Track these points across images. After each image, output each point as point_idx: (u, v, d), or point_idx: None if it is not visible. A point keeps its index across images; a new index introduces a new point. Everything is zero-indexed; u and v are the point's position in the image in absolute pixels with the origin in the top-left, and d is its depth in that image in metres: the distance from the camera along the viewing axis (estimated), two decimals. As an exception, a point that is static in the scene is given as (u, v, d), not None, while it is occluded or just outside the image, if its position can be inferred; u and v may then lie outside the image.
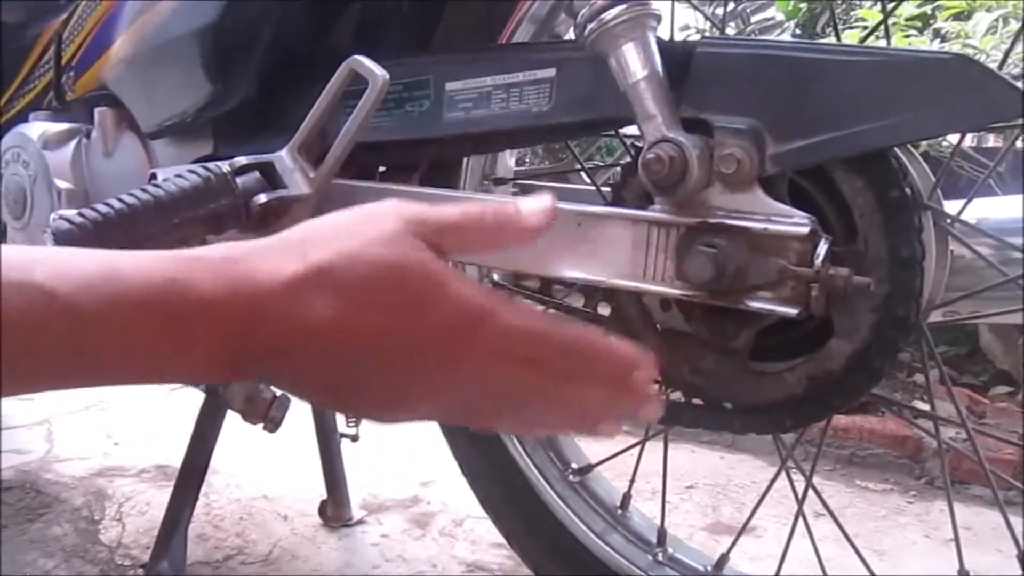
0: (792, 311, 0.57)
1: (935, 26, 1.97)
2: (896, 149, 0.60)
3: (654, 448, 0.91)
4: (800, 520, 0.79)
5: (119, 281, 0.38)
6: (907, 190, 0.58)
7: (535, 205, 0.50)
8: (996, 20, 1.74)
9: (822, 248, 0.56)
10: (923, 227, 0.60)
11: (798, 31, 2.55)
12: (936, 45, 1.87)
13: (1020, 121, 0.54)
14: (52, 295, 0.36)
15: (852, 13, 2.19)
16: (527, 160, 2.13)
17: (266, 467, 1.62)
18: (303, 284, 0.41)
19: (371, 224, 0.43)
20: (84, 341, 0.37)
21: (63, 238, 0.60)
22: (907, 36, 1.87)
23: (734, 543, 0.85)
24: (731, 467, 1.79)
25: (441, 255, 0.44)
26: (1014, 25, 1.71)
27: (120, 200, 0.64)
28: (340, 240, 0.43)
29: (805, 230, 0.56)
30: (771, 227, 0.57)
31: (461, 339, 0.43)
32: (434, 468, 1.61)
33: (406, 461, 1.64)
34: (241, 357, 0.41)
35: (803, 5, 2.40)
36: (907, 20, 1.89)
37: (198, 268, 0.40)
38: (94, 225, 0.62)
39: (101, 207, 0.63)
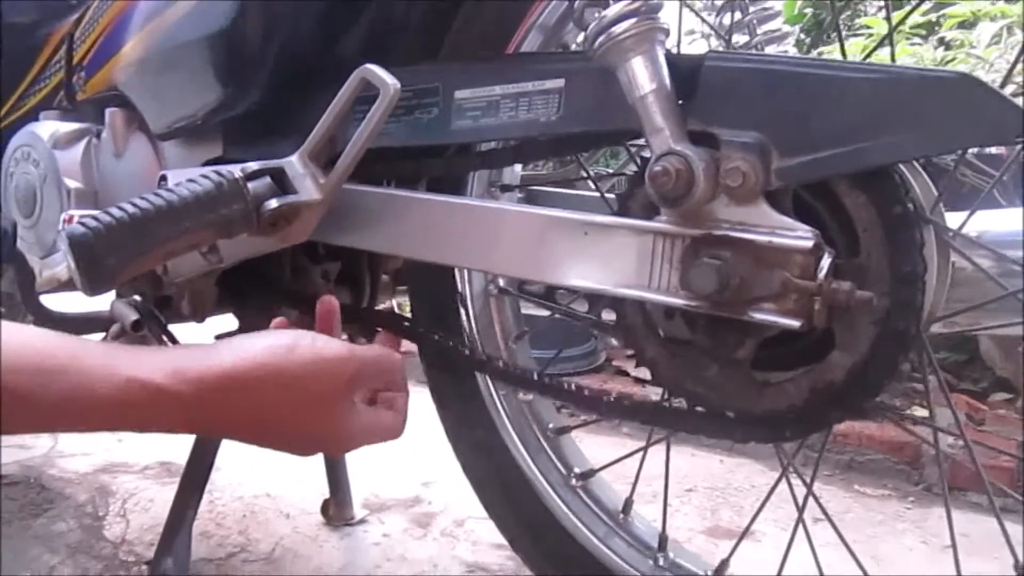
0: (795, 323, 0.58)
1: (940, 34, 1.98)
2: (899, 164, 0.61)
3: (655, 452, 0.91)
4: (800, 526, 0.80)
5: (90, 391, 0.53)
6: (909, 205, 0.59)
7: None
8: (1000, 30, 1.74)
9: (825, 262, 0.57)
10: (925, 242, 0.61)
11: (802, 36, 2.55)
12: (940, 53, 1.87)
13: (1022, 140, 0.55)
14: (37, 403, 0.52)
15: (856, 20, 2.19)
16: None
17: (269, 466, 1.63)
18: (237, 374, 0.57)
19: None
20: (65, 427, 0.55)
21: (78, 242, 0.61)
22: (912, 44, 1.88)
23: (734, 549, 0.85)
24: (730, 471, 1.80)
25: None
26: (1019, 35, 1.71)
27: (133, 204, 0.65)
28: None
29: (809, 244, 0.57)
30: (775, 240, 0.58)
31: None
32: (435, 468, 1.62)
33: (408, 461, 1.65)
34: (193, 425, 0.59)
35: (808, 11, 2.41)
36: (912, 28, 1.90)
37: (149, 363, 0.55)
38: (107, 230, 0.62)
39: (115, 211, 0.63)
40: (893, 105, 0.55)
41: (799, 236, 0.58)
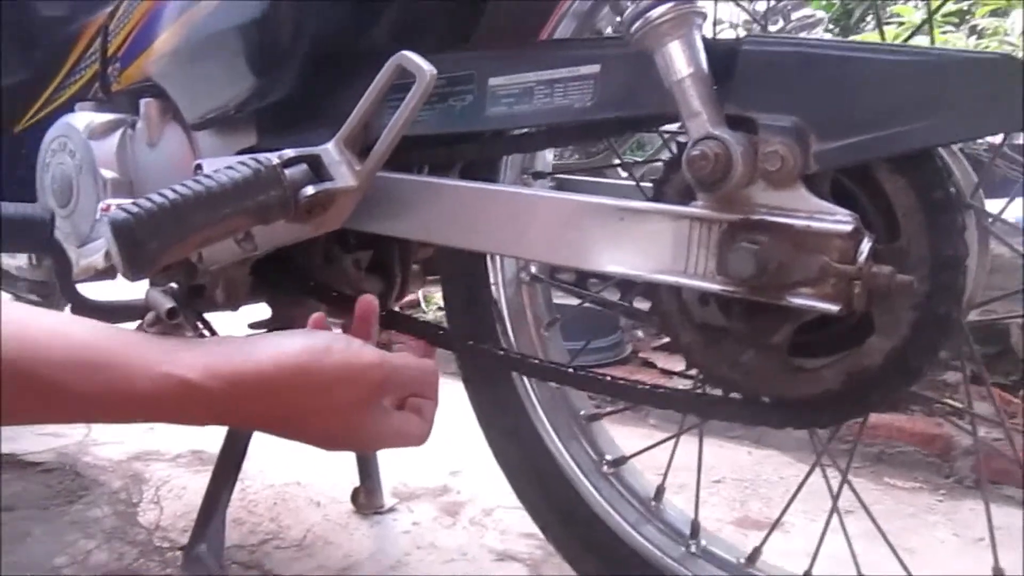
0: (834, 308, 0.57)
1: (972, 22, 1.95)
2: (940, 148, 0.60)
3: (685, 443, 0.91)
4: (833, 515, 0.79)
5: (129, 385, 0.54)
6: (951, 189, 0.58)
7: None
8: (1035, 17, 1.72)
9: (865, 246, 0.57)
10: (966, 226, 0.60)
11: (831, 25, 2.53)
12: (973, 41, 1.85)
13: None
14: (77, 396, 0.52)
15: (888, 9, 2.17)
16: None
17: (299, 454, 1.63)
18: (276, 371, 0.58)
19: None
20: (100, 418, 0.56)
21: (120, 226, 0.62)
22: (944, 32, 1.86)
23: (767, 537, 0.85)
24: (758, 462, 1.79)
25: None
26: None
27: (173, 191, 0.65)
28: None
29: (848, 228, 0.57)
30: (814, 224, 0.58)
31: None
32: (463, 458, 1.62)
33: (436, 451, 1.66)
34: (222, 420, 0.60)
35: (836, 0, 2.38)
36: (944, 16, 1.88)
37: (184, 359, 0.56)
38: (149, 215, 0.63)
39: (156, 197, 0.64)
40: (932, 88, 0.55)
41: (838, 220, 0.57)
